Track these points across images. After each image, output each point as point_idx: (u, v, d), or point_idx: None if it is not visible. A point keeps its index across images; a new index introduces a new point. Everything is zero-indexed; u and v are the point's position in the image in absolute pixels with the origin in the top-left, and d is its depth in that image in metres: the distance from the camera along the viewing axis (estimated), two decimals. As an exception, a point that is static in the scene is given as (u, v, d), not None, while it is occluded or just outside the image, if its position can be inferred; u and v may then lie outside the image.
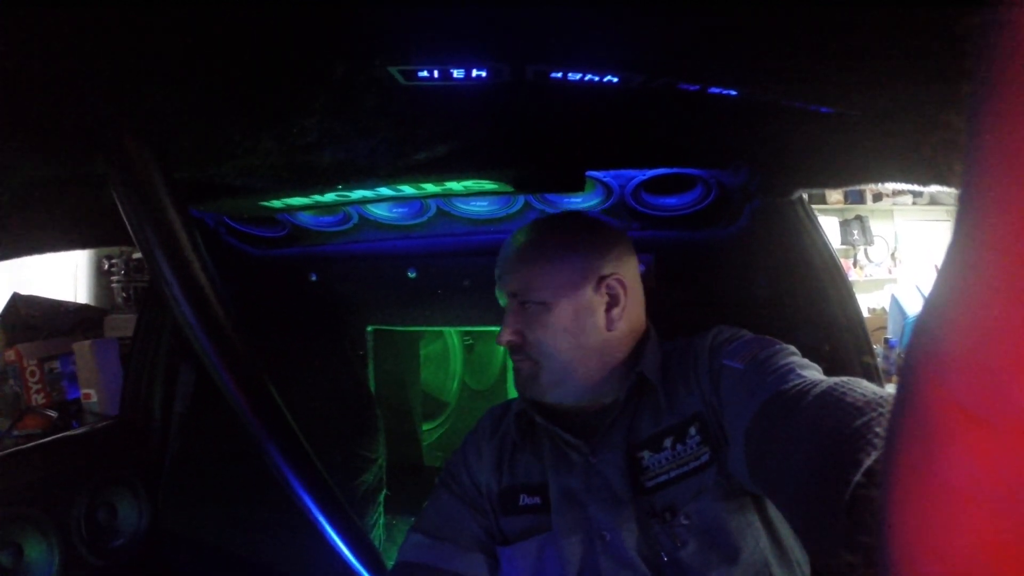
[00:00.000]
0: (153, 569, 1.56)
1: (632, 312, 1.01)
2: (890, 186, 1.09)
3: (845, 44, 0.66)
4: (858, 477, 0.56)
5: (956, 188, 0.26)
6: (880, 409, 0.62)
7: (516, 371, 1.01)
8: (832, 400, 0.69)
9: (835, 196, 4.88)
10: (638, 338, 1.02)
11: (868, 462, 0.56)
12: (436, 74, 0.76)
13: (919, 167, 0.96)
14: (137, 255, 2.66)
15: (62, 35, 0.62)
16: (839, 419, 0.64)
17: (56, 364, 2.29)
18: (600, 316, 0.99)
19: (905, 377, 0.30)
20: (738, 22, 0.64)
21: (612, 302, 0.99)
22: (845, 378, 0.73)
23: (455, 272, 1.53)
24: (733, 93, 0.83)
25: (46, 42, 0.63)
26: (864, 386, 0.70)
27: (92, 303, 2.92)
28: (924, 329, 0.28)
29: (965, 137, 0.25)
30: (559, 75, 0.77)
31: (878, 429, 0.59)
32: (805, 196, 1.25)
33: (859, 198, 5.03)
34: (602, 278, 0.99)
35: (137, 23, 0.62)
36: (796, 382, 0.78)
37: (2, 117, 0.80)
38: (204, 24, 0.64)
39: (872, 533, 0.51)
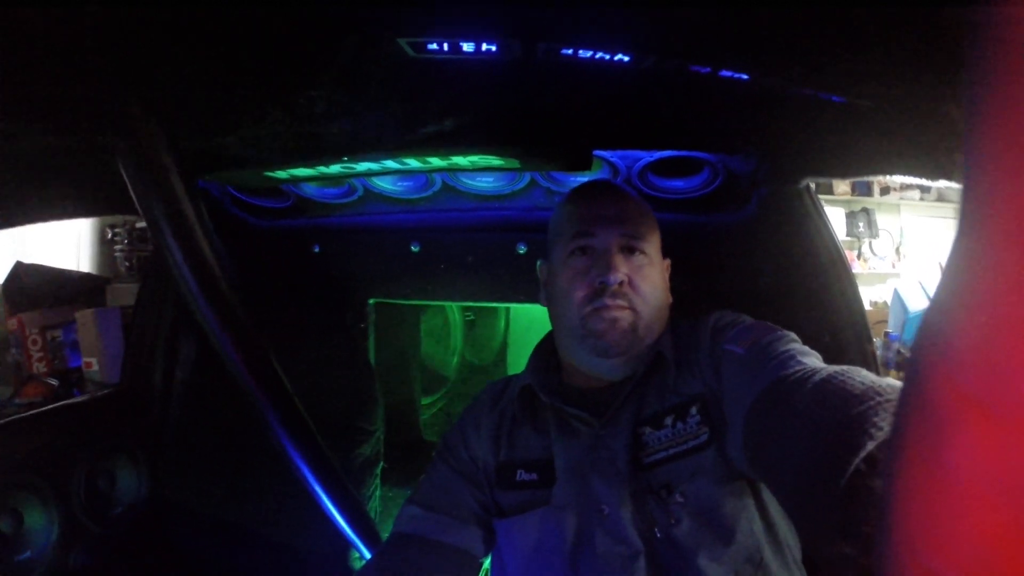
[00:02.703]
0: (152, 537, 1.58)
1: None
2: (898, 180, 1.09)
3: (861, 32, 0.65)
4: (855, 465, 0.56)
5: (958, 181, 0.26)
6: (879, 397, 0.62)
7: (612, 321, 0.96)
8: (831, 388, 0.69)
9: (842, 187, 4.86)
10: None
11: (866, 451, 0.56)
12: (446, 47, 0.75)
13: (928, 161, 0.96)
14: (140, 224, 2.65)
15: (69, 7, 0.62)
16: (838, 407, 0.64)
17: (58, 333, 2.29)
18: (666, 286, 1.03)
19: (913, 368, 0.30)
20: (754, 5, 0.64)
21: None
22: (845, 366, 0.73)
23: (459, 247, 1.53)
24: (745, 77, 0.82)
25: (53, 13, 0.63)
26: (864, 375, 0.69)
27: (95, 272, 2.92)
28: (932, 321, 0.28)
29: (964, 129, 0.25)
30: (570, 52, 0.76)
31: (876, 418, 0.59)
32: (813, 185, 1.24)
33: (866, 190, 5.01)
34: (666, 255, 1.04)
35: None
36: (796, 368, 0.78)
37: (8, 87, 0.80)
38: None
39: (871, 522, 0.51)
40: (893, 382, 0.65)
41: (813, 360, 0.82)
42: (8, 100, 0.83)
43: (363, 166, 1.18)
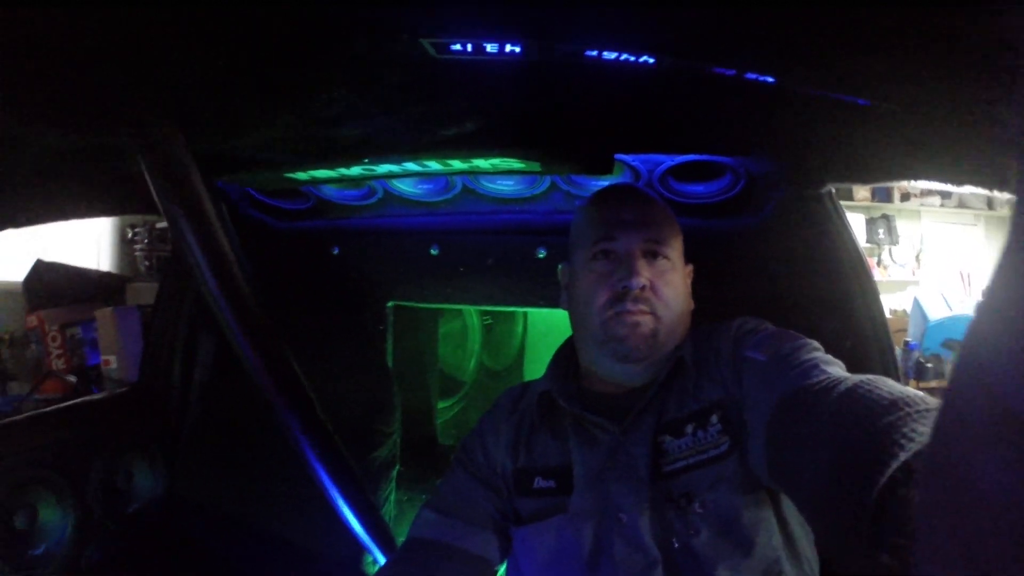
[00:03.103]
0: (167, 535, 1.59)
1: None
2: (918, 185, 1.07)
3: (890, 34, 0.64)
4: (887, 476, 0.54)
5: (1008, 189, 0.25)
6: (908, 408, 0.61)
7: (634, 326, 0.94)
8: (858, 397, 0.67)
9: (862, 193, 4.80)
10: None
11: (898, 461, 0.55)
12: (469, 48, 0.75)
13: (956, 166, 0.94)
14: (160, 224, 2.68)
15: (86, 10, 0.62)
16: (865, 417, 0.63)
17: (78, 330, 2.33)
18: (688, 292, 1.02)
19: (955, 379, 0.29)
20: (781, 7, 0.63)
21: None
22: (871, 376, 0.72)
23: (478, 250, 1.52)
24: (770, 80, 0.81)
25: (71, 17, 0.63)
26: (891, 384, 0.68)
27: (115, 271, 2.95)
28: (977, 331, 0.27)
29: (1020, 133, 0.24)
30: (594, 54, 0.75)
31: (905, 429, 0.58)
32: (834, 190, 1.23)
33: (886, 196, 4.94)
34: (688, 260, 1.03)
35: None
36: (820, 377, 0.77)
37: (28, 89, 0.80)
38: None
39: (904, 534, 0.50)
40: (922, 394, 0.64)
41: (837, 369, 0.81)
42: (29, 101, 0.84)
43: (383, 168, 1.18)
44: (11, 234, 1.39)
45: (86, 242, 3.03)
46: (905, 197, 5.04)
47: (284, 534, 1.55)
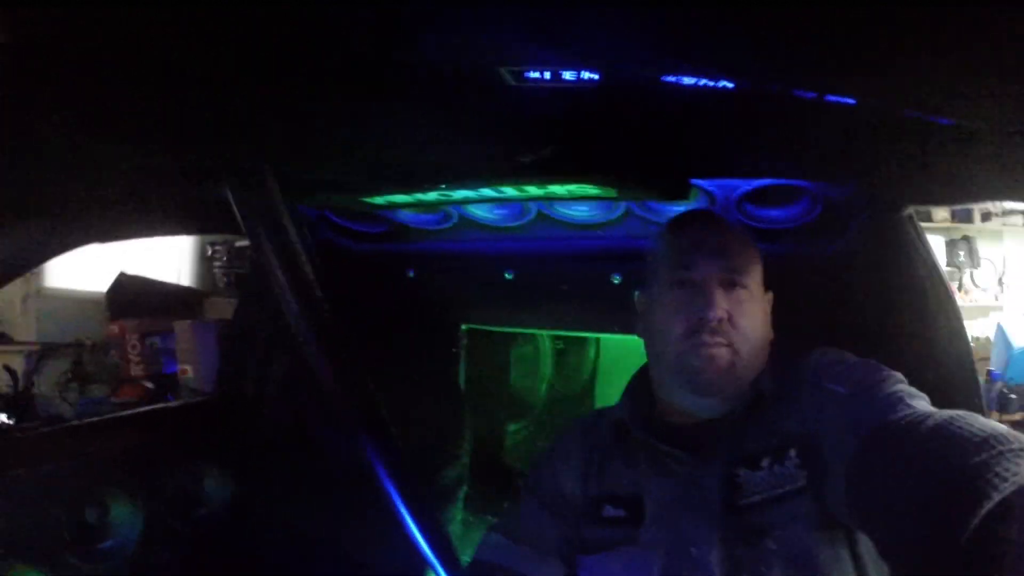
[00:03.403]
0: (234, 544, 1.63)
1: None
2: (1000, 205, 1.03)
3: (977, 52, 0.62)
4: (979, 517, 0.52)
5: None
6: (1000, 446, 0.59)
7: (710, 359, 0.92)
8: (948, 435, 0.65)
9: (941, 213, 4.58)
10: None
11: (991, 503, 0.53)
12: (547, 76, 0.75)
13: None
14: (239, 243, 2.79)
15: (175, 32, 0.65)
16: (956, 455, 0.61)
17: (156, 340, 2.44)
18: (768, 321, 1.00)
19: None
20: (863, 27, 0.61)
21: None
22: (960, 411, 0.69)
23: (552, 276, 1.52)
24: (851, 102, 0.79)
25: (161, 38, 0.66)
26: (981, 421, 0.66)
27: (194, 286, 3.08)
28: None
29: None
30: (672, 79, 0.75)
31: (999, 468, 0.56)
32: (914, 213, 1.18)
33: (966, 217, 4.71)
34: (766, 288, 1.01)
35: (242, 15, 0.63)
36: (906, 412, 0.74)
37: (117, 110, 0.84)
38: (306, 19, 0.65)
39: (1000, 572, 0.48)
40: (1014, 432, 0.62)
41: (922, 403, 0.78)
42: (118, 122, 0.88)
43: (459, 194, 1.19)
44: (96, 247, 1.47)
45: (168, 257, 3.18)
46: (986, 217, 4.79)
47: (348, 549, 1.57)
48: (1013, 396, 3.41)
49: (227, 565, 1.60)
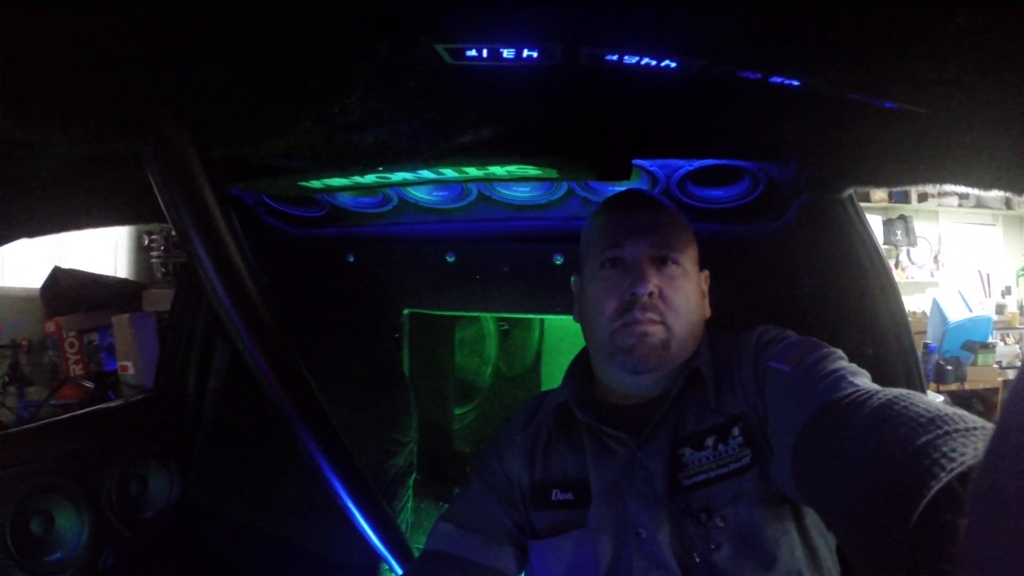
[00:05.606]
0: (182, 542, 1.59)
1: None
2: (936, 186, 1.05)
3: (926, 38, 0.62)
4: (927, 499, 0.52)
5: None
6: (946, 426, 0.59)
7: (642, 336, 0.92)
8: (893, 414, 0.65)
9: (879, 194, 4.76)
10: None
11: (939, 484, 0.53)
12: (485, 54, 0.73)
13: (987, 170, 0.92)
14: (176, 231, 2.70)
15: (96, 13, 0.61)
16: (902, 435, 0.61)
17: (95, 336, 2.35)
18: (703, 299, 1.01)
19: (1010, 401, 0.28)
20: (809, 9, 0.61)
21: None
22: (903, 390, 0.70)
23: (494, 257, 1.51)
24: (795, 83, 0.79)
25: (80, 20, 0.62)
26: (926, 400, 0.66)
27: (132, 277, 2.98)
28: None
29: None
30: (614, 58, 0.74)
31: (945, 448, 0.56)
32: (854, 194, 1.20)
33: (904, 197, 4.90)
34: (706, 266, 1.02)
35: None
36: (849, 391, 0.75)
37: (37, 96, 0.79)
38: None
39: (947, 559, 0.48)
40: (960, 411, 0.62)
41: (864, 380, 0.79)
42: (35, 109, 0.83)
43: (398, 176, 1.17)
44: (28, 242, 1.39)
45: (103, 249, 3.06)
46: (923, 198, 4.99)
47: (299, 542, 1.54)
48: (949, 368, 3.56)
49: (176, 567, 1.56)
